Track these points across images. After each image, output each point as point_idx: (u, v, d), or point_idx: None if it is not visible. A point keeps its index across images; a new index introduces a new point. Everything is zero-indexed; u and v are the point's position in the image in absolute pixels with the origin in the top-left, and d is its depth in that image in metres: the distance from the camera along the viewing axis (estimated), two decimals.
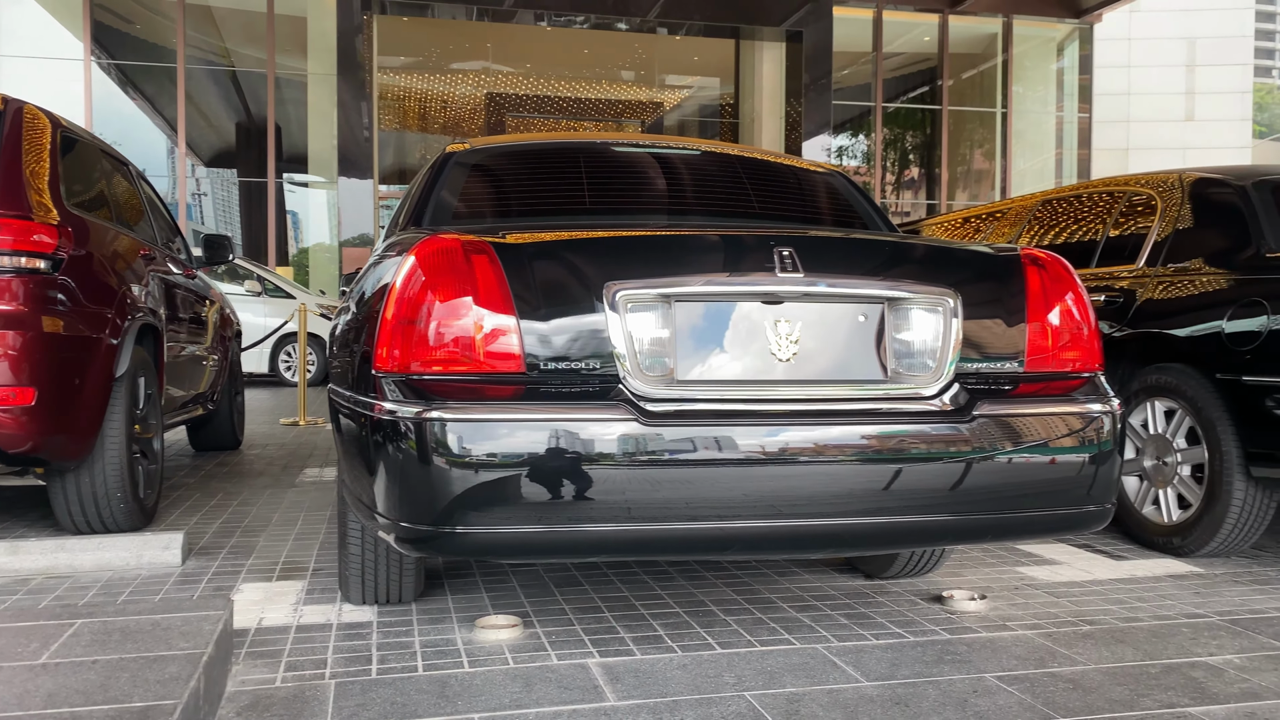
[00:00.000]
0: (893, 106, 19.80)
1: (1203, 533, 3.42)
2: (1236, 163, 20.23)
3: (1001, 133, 19.13)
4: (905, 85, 19.95)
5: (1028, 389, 2.26)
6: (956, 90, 19.51)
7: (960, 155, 20.04)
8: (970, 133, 19.91)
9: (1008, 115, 18.96)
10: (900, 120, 20.16)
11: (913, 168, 20.49)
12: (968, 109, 19.63)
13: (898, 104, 19.81)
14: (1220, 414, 3.36)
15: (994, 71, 19.26)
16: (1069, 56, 19.54)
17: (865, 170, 19.84)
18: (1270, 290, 3.27)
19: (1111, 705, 2.16)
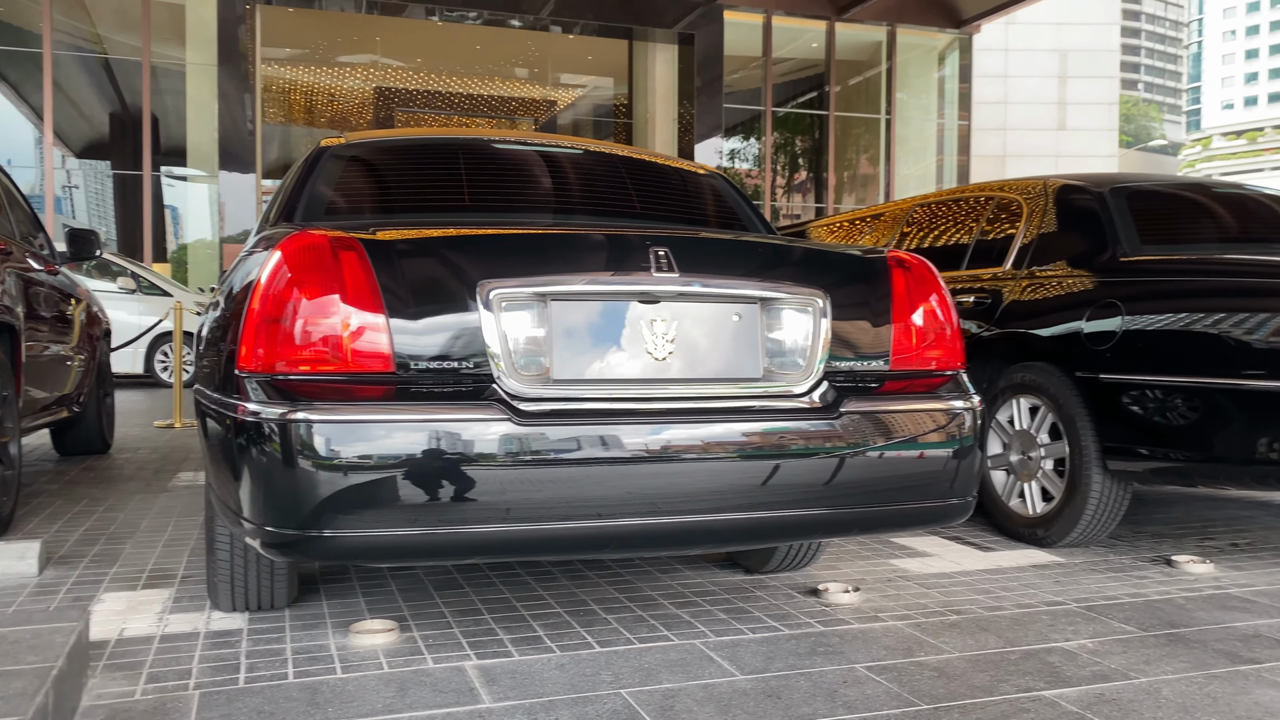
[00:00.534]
0: (783, 111, 20.18)
1: (1064, 524, 3.59)
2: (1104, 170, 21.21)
3: (886, 138, 19.69)
4: (795, 90, 20.35)
5: (893, 386, 2.33)
6: (844, 96, 20.00)
7: (847, 160, 20.54)
8: (857, 138, 20.43)
9: (892, 121, 19.52)
10: (790, 125, 20.55)
11: (802, 171, 20.91)
12: (854, 115, 20.14)
13: (788, 109, 20.19)
14: (1080, 410, 3.53)
15: (879, 79, 19.81)
16: (950, 65, 20.23)
17: (756, 173, 20.17)
18: (1125, 292, 3.45)
19: (973, 691, 2.25)
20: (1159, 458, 3.33)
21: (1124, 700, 2.20)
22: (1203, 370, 3.17)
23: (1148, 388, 3.30)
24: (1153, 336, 3.32)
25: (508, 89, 22.44)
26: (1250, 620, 2.80)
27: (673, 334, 2.15)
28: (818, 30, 19.07)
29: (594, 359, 2.11)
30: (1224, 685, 2.30)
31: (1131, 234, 3.68)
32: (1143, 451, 3.36)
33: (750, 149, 20.36)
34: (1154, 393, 3.29)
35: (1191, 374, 3.20)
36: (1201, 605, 2.95)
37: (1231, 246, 3.83)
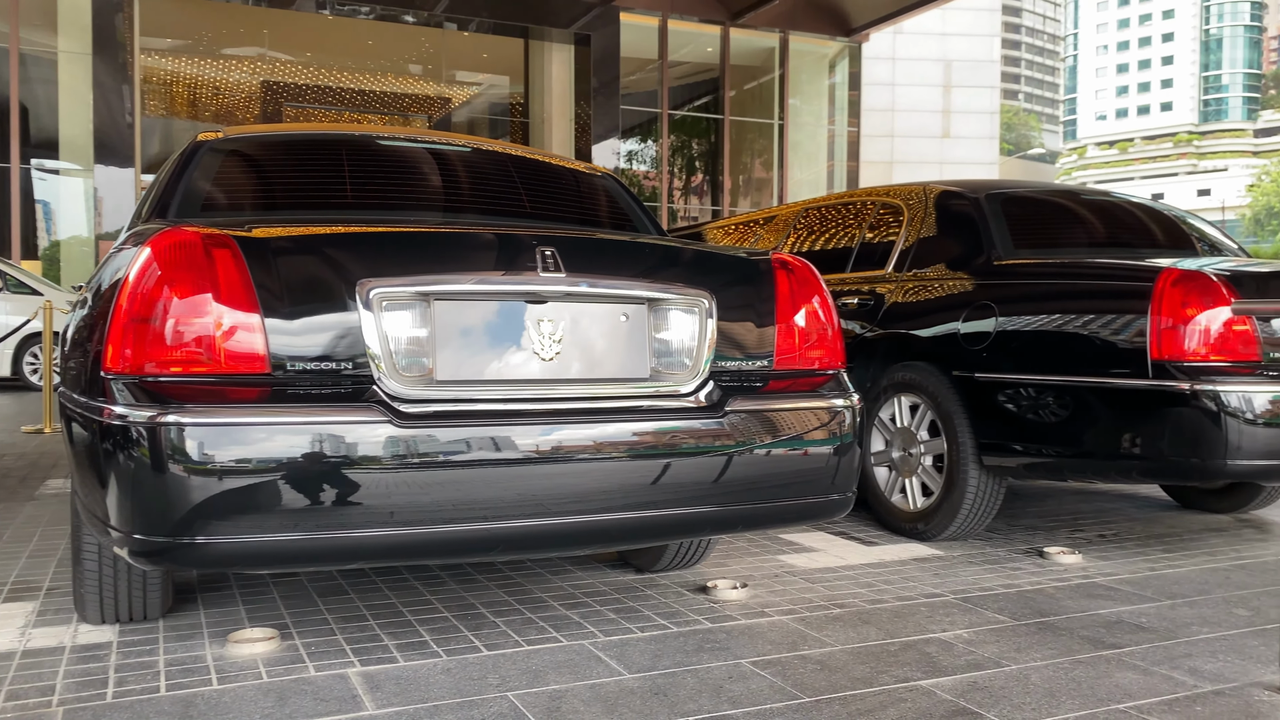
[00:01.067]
0: (679, 114, 20.35)
1: (943, 518, 3.71)
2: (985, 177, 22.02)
3: (779, 143, 20.03)
4: (691, 93, 20.54)
5: (777, 385, 2.37)
6: (738, 101, 20.27)
7: (742, 164, 20.84)
8: (751, 142, 20.75)
9: (785, 127, 19.88)
10: (686, 127, 20.74)
11: (699, 174, 21.12)
12: (749, 119, 20.44)
13: (683, 111, 20.36)
14: (957, 408, 3.65)
15: (772, 84, 20.14)
16: (840, 73, 20.71)
17: (654, 175, 20.30)
18: (998, 294, 3.59)
19: (853, 683, 2.30)
20: (1032, 453, 3.47)
21: (995, 688, 2.29)
22: (1071, 369, 3.32)
23: (1020, 386, 3.44)
24: (1024, 337, 3.46)
25: (401, 85, 22.07)
26: (1114, 607, 2.95)
27: (560, 334, 2.15)
28: (713, 35, 19.29)
29: (479, 360, 2.09)
30: (1087, 670, 2.41)
31: (1005, 238, 3.83)
32: (1016, 447, 3.49)
33: (648, 151, 20.47)
34: (1026, 391, 3.43)
35: (1060, 373, 3.34)
36: (1069, 594, 3.09)
37: (1099, 251, 4.02)
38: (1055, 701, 2.21)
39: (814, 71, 20.82)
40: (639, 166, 20.70)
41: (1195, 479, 3.14)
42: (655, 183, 19.97)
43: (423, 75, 21.66)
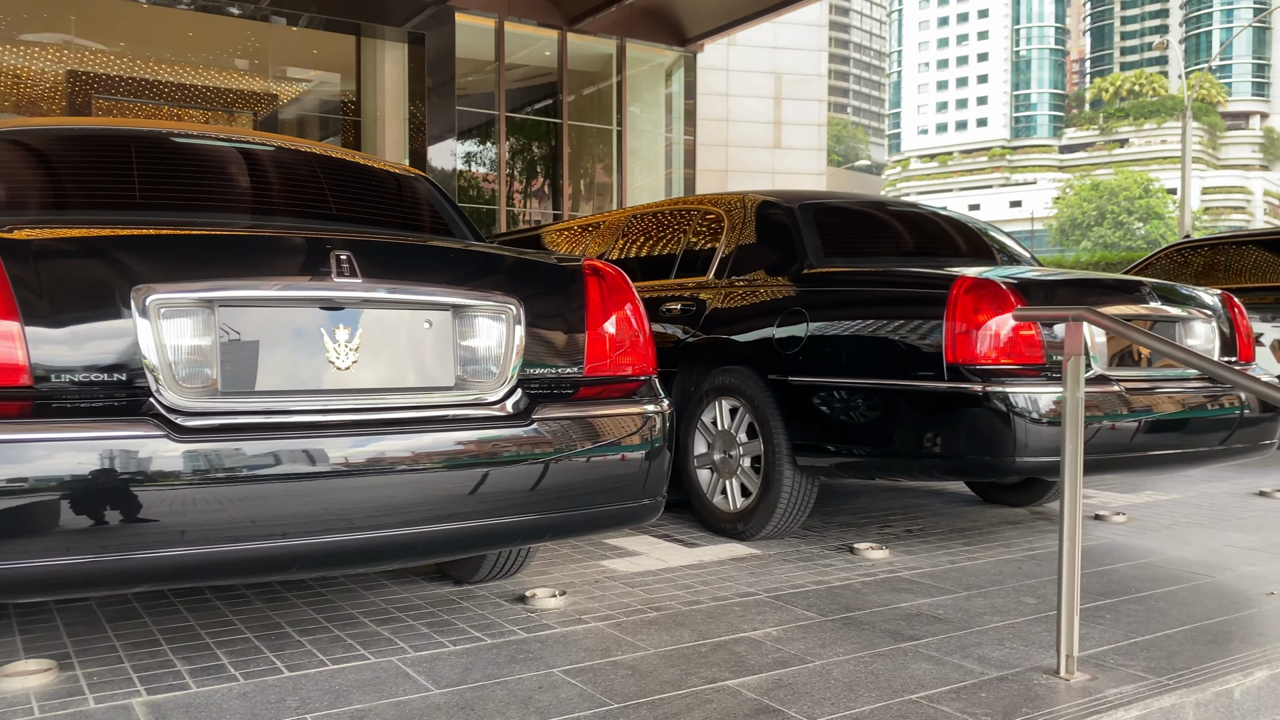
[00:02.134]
0: (518, 117, 20.22)
1: (760, 518, 3.80)
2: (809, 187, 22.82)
3: (618, 149, 20.18)
4: (530, 97, 20.44)
5: (588, 392, 2.37)
6: (577, 105, 20.31)
7: (583, 169, 20.89)
8: (591, 147, 20.82)
9: (623, 133, 20.04)
10: (525, 131, 20.61)
11: (539, 178, 21.05)
12: (588, 125, 20.50)
13: (522, 115, 20.25)
14: (773, 411, 3.75)
15: (610, 90, 20.28)
16: (676, 82, 21.04)
17: (492, 178, 20.09)
18: (809, 301, 3.70)
19: (663, 686, 2.32)
20: (842, 454, 3.60)
21: (799, 684, 2.35)
22: (876, 373, 3.46)
23: (830, 389, 3.56)
24: (833, 342, 3.59)
25: (225, 80, 21.05)
26: (914, 600, 3.08)
27: (357, 342, 2.08)
28: (550, 39, 19.28)
29: (267, 369, 2.00)
30: (886, 662, 2.51)
31: (817, 247, 3.96)
32: (828, 448, 3.62)
33: (487, 153, 20.25)
34: (835, 394, 3.55)
35: (867, 376, 3.48)
36: (875, 589, 3.21)
37: (905, 259, 4.22)
38: (854, 695, 2.28)
39: (651, 79, 21.09)
40: (478, 169, 20.44)
41: (989, 475, 3.33)
42: (494, 186, 19.78)
43: (249, 70, 20.74)
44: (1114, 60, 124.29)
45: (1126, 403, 3.41)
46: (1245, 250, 9.73)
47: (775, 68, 23.65)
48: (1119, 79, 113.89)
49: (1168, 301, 3.70)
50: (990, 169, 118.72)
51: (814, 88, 23.83)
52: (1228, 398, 3.80)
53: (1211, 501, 4.86)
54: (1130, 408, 3.44)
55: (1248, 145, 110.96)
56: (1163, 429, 3.57)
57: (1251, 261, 9.58)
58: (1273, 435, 3.88)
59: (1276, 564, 3.58)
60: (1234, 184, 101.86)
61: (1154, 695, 2.29)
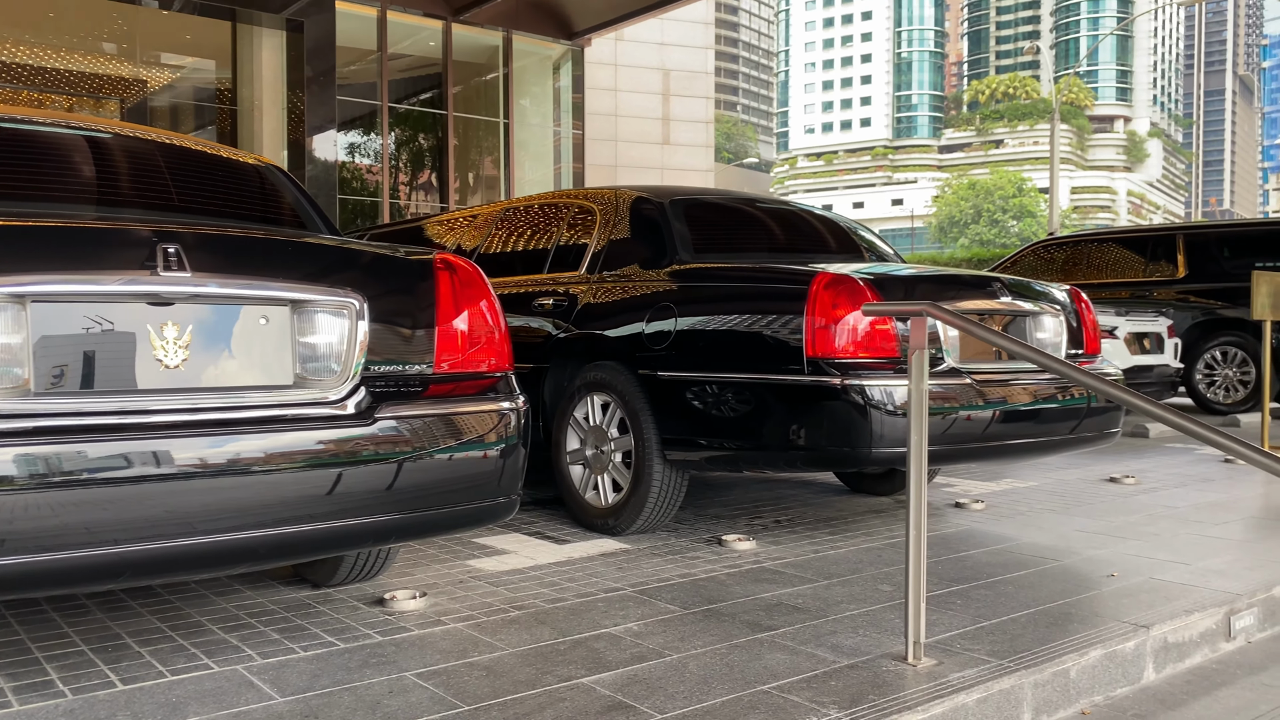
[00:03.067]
0: (402, 108, 19.84)
1: (631, 512, 3.80)
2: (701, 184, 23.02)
3: (505, 142, 19.99)
4: (414, 88, 20.07)
5: (438, 390, 2.32)
6: (464, 97, 20.03)
7: (470, 161, 20.62)
8: (479, 140, 20.57)
9: (510, 126, 19.87)
10: (410, 122, 20.24)
11: (424, 171, 20.69)
12: (474, 117, 20.24)
13: (406, 106, 19.87)
14: (643, 405, 3.75)
15: (497, 83, 20.07)
16: (565, 76, 20.95)
17: (377, 170, 19.67)
18: (678, 296, 3.72)
19: (517, 686, 2.30)
20: (711, 448, 3.62)
21: (654, 679, 2.35)
22: (742, 367, 3.49)
23: (698, 384, 3.58)
24: (701, 337, 3.61)
25: (91, 65, 20.04)
26: (776, 590, 3.13)
27: (187, 340, 1.99)
28: (435, 30, 18.97)
29: (87, 369, 1.89)
30: (742, 654, 2.54)
31: (687, 243, 3.98)
32: (697, 442, 3.64)
33: (371, 145, 19.81)
34: (704, 388, 3.57)
35: (733, 370, 3.51)
36: (739, 580, 3.25)
37: (774, 256, 4.27)
38: (707, 688, 2.30)
39: (539, 72, 20.95)
40: (361, 160, 19.98)
41: (849, 466, 3.40)
42: (379, 177, 19.37)
43: (116, 55, 19.79)
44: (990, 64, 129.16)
45: (979, 394, 3.53)
46: (1104, 247, 10.23)
47: (663, 64, 23.79)
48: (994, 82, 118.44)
49: (1019, 297, 3.84)
50: (874, 168, 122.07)
51: (701, 85, 24.06)
52: (1077, 388, 3.98)
53: (1065, 488, 5.08)
54: (983, 399, 3.56)
55: (1112, 147, 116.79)
56: (1015, 419, 3.70)
57: (1109, 258, 10.07)
58: (1118, 424, 4.07)
59: (1119, 547, 3.76)
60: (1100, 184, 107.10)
61: (995, 678, 2.36)
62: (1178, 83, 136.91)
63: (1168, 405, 2.13)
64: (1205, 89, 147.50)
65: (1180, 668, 2.86)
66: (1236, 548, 3.75)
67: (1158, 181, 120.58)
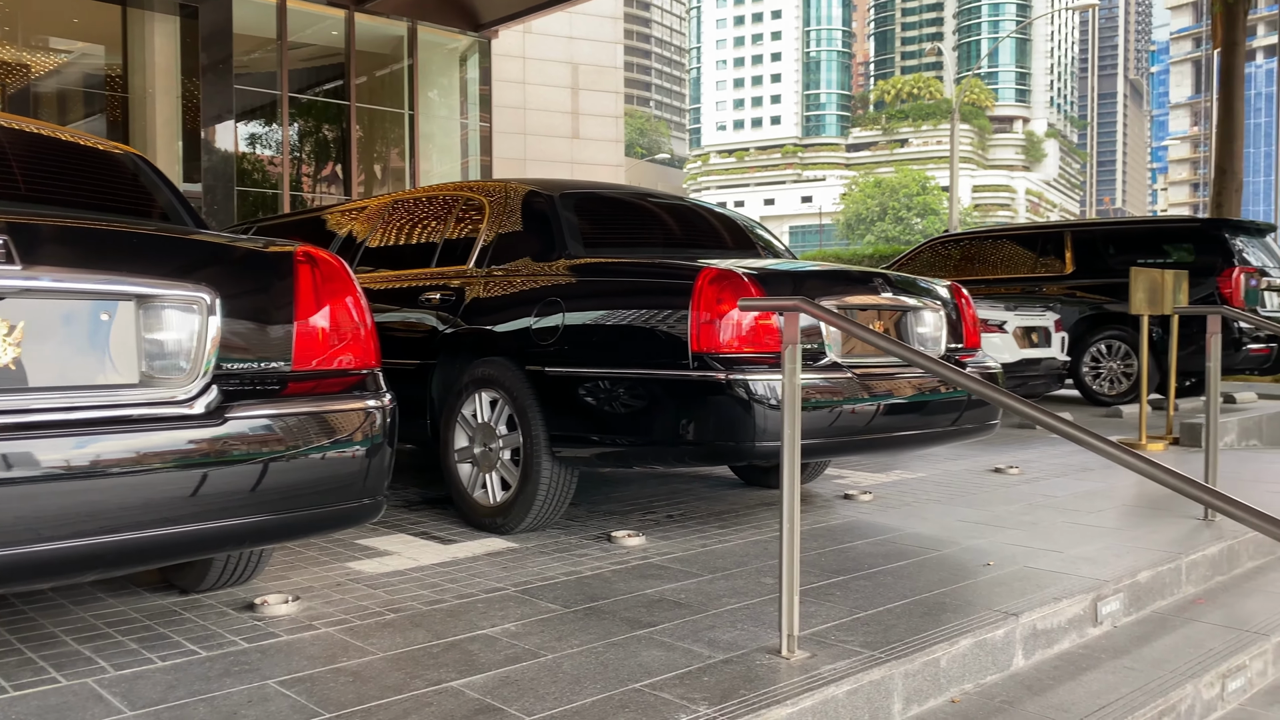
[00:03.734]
0: (305, 98, 19.35)
1: (519, 510, 3.75)
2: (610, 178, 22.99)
3: (410, 134, 19.66)
4: (316, 78, 19.59)
5: (297, 388, 2.24)
6: (368, 88, 19.63)
7: (375, 153, 20.22)
8: (384, 131, 20.18)
9: (415, 117, 19.53)
10: (312, 113, 19.76)
11: (328, 162, 20.23)
12: (378, 108, 19.85)
13: (307, 96, 19.39)
14: (531, 402, 3.71)
15: (402, 74, 19.72)
16: (472, 68, 20.69)
17: (279, 161, 19.15)
18: (565, 291, 3.68)
19: (383, 692, 2.23)
20: (601, 444, 3.59)
21: (525, 680, 2.31)
22: (629, 362, 3.47)
23: (586, 379, 3.55)
24: (589, 332, 3.58)
25: None
26: (660, 586, 3.12)
27: (18, 337, 1.88)
28: (337, 18, 18.54)
29: None
30: (618, 651, 2.51)
31: (577, 236, 3.94)
32: (586, 439, 3.61)
33: (272, 135, 19.28)
34: (591, 384, 3.54)
35: (621, 366, 3.49)
36: (624, 576, 3.23)
37: (666, 251, 4.26)
38: (579, 687, 2.27)
39: (445, 64, 20.65)
40: (263, 151, 19.42)
41: (735, 460, 3.41)
42: (280, 168, 18.86)
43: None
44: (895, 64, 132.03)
45: (862, 388, 3.57)
46: (997, 244, 10.52)
47: (572, 58, 23.67)
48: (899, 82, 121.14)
49: (901, 292, 3.90)
50: (784, 165, 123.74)
51: (611, 79, 24.02)
52: None
53: (952, 479, 5.19)
54: (866, 392, 3.61)
55: (1012, 147, 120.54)
56: (898, 411, 3.76)
57: (1002, 254, 10.36)
58: (997, 415, 4.17)
59: (997, 536, 3.86)
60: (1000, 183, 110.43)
61: (865, 669, 2.39)
62: (1073, 85, 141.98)
63: (1018, 397, 2.18)
64: (1098, 92, 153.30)
65: (1049, 653, 2.94)
66: (1108, 535, 3.87)
67: (1055, 180, 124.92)
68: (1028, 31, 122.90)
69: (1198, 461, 5.89)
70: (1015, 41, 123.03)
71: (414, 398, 4.20)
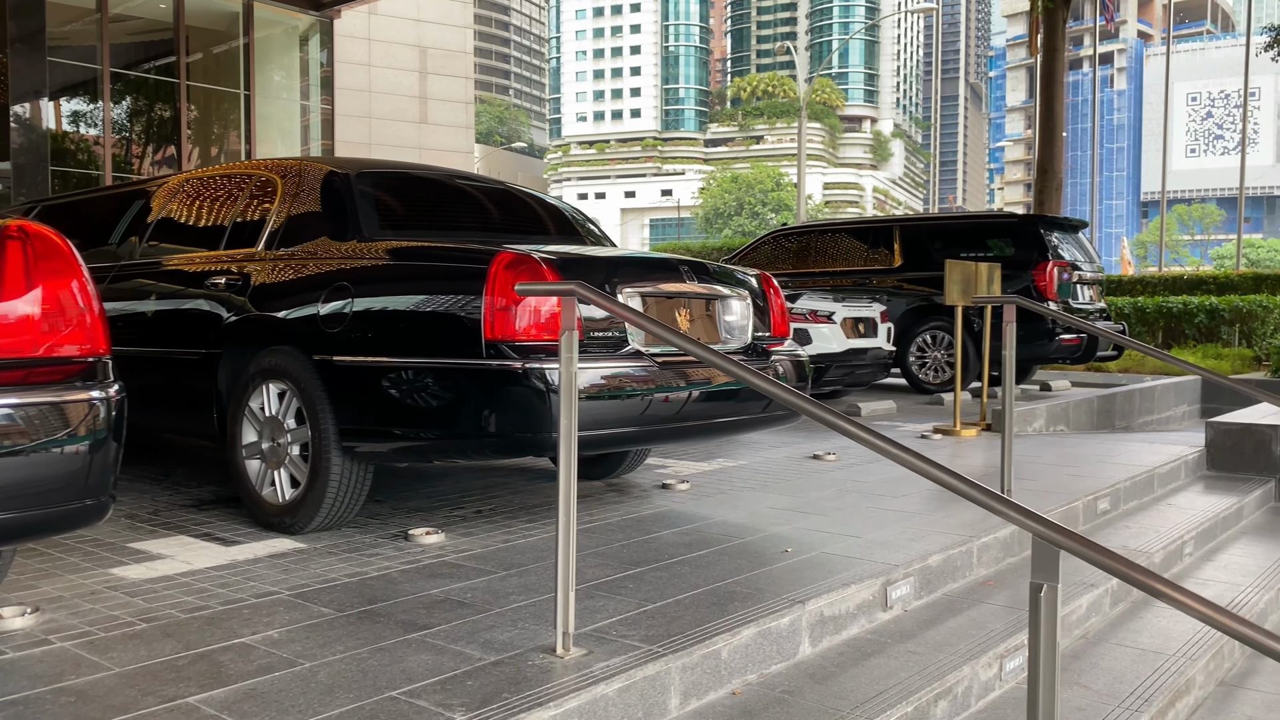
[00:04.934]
0: (131, 74, 18.22)
1: (309, 509, 3.54)
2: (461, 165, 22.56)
3: (246, 115, 18.79)
4: (144, 54, 18.47)
5: (6, 378, 2.00)
6: (201, 66, 18.66)
7: (209, 135, 19.22)
8: (219, 112, 19.21)
9: (252, 98, 18.67)
10: (140, 91, 18.63)
11: (157, 143, 19.11)
12: (211, 87, 18.89)
13: (134, 72, 18.27)
14: (320, 393, 3.50)
15: (238, 52, 18.82)
16: (313, 49, 19.92)
17: (101, 140, 17.97)
18: (354, 275, 3.49)
19: (107, 712, 2.03)
20: (395, 438, 3.42)
21: (273, 692, 2.14)
22: (420, 351, 3.31)
23: (375, 369, 3.37)
24: (378, 318, 3.40)
25: None
26: (447, 585, 2.98)
27: None
28: None
29: None
30: (384, 657, 2.37)
31: (372, 219, 3.75)
32: (377, 432, 3.43)
33: (96, 113, 18.07)
34: (381, 374, 3.37)
35: (412, 355, 3.32)
36: (412, 576, 3.07)
37: (473, 235, 4.10)
38: (330, 698, 2.12)
39: (285, 44, 19.83)
40: (85, 130, 18.21)
41: (532, 453, 3.29)
42: (100, 147, 17.69)
43: None
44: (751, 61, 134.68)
45: (665, 376, 3.51)
46: (833, 237, 10.76)
47: (420, 41, 23.07)
48: (755, 79, 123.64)
49: (708, 280, 3.87)
50: (644, 159, 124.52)
51: (460, 64, 23.52)
52: (769, 369, 4.06)
53: (771, 466, 5.23)
54: (672, 381, 3.55)
55: (860, 146, 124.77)
56: (706, 399, 3.73)
57: (837, 247, 10.60)
58: None
59: (803, 522, 3.87)
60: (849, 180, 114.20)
61: (640, 665, 2.32)
62: (918, 87, 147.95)
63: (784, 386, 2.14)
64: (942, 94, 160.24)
65: (837, 640, 2.94)
66: (907, 520, 3.95)
67: (900, 179, 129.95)
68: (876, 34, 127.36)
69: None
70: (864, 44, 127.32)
71: (199, 390, 3.92)
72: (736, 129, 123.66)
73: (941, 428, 6.65)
